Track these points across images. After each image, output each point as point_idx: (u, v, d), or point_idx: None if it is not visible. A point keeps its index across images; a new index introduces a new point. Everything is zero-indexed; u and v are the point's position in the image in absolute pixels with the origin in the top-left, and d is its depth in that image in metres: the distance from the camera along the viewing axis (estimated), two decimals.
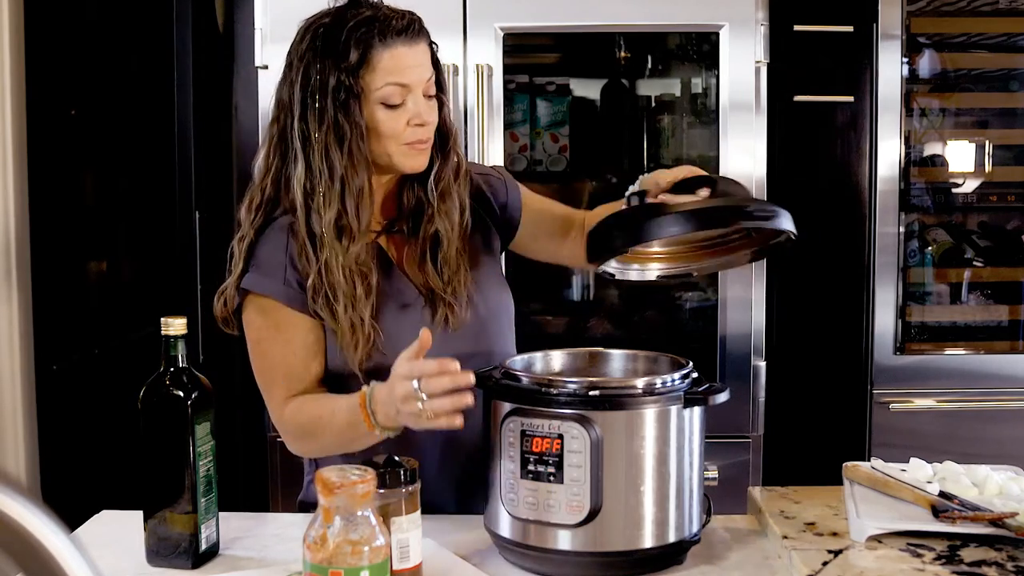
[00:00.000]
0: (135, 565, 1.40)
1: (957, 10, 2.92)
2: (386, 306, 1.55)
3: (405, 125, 1.51)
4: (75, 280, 2.45)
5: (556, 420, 1.29)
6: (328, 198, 1.48)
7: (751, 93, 2.56)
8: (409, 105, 1.50)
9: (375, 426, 1.40)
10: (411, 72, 1.50)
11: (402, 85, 1.49)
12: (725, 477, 2.53)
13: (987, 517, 1.33)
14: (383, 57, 1.48)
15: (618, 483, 1.30)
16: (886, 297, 2.77)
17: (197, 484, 1.38)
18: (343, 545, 1.12)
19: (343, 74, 1.47)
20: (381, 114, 1.50)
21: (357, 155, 1.49)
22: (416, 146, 1.53)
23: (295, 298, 1.52)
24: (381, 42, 1.47)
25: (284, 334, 1.53)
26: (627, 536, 1.31)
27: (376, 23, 1.48)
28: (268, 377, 1.55)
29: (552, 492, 1.30)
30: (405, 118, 1.51)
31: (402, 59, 1.49)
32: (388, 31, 1.48)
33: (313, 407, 1.51)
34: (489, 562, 1.39)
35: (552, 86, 2.93)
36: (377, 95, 1.49)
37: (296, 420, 1.52)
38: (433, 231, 1.58)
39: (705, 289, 2.80)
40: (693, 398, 1.33)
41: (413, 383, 1.32)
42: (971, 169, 3.04)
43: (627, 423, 1.30)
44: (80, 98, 2.42)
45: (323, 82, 1.48)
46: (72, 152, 2.40)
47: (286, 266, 1.52)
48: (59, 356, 2.27)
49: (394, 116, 1.50)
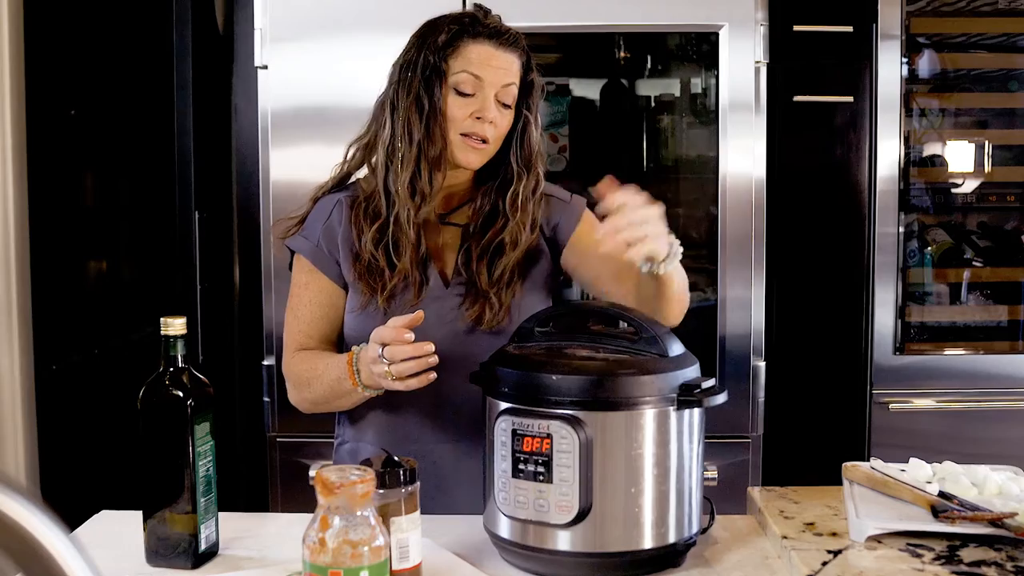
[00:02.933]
0: (135, 565, 1.40)
1: (957, 10, 2.92)
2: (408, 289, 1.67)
3: (468, 115, 1.63)
4: (75, 280, 2.45)
5: (546, 420, 1.29)
6: (407, 160, 1.63)
7: (751, 93, 2.56)
8: (478, 98, 1.62)
9: (359, 383, 1.56)
10: (489, 70, 1.63)
11: (476, 76, 1.62)
12: (725, 477, 2.53)
13: (986, 517, 1.33)
14: (469, 48, 1.63)
15: (613, 484, 1.30)
16: (886, 297, 2.77)
17: (197, 484, 1.38)
18: (343, 545, 1.12)
19: (431, 54, 1.63)
20: (451, 98, 1.63)
21: (434, 127, 1.63)
22: (471, 140, 1.64)
23: (323, 261, 1.70)
24: (471, 35, 1.64)
25: (309, 291, 1.71)
26: (625, 537, 1.31)
27: (474, 20, 1.65)
28: (290, 326, 1.74)
29: (542, 492, 1.30)
30: (471, 108, 1.62)
31: (484, 55, 1.63)
32: (481, 29, 1.64)
33: (312, 359, 1.67)
34: (488, 562, 1.39)
35: (552, 86, 2.93)
36: (454, 79, 1.63)
37: (296, 369, 1.70)
38: (499, 240, 1.67)
39: (705, 289, 2.80)
40: (687, 400, 1.32)
41: (377, 348, 1.47)
42: (971, 169, 3.04)
43: (619, 424, 1.30)
44: (80, 98, 2.42)
45: (415, 60, 1.64)
46: (72, 152, 2.40)
47: (320, 234, 1.70)
48: (59, 356, 2.27)
49: (461, 104, 1.63)
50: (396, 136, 1.64)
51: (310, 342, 1.71)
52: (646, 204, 1.41)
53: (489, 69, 1.63)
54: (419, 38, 1.67)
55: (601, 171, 1.67)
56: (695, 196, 2.94)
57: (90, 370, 2.43)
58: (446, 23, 1.65)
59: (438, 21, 1.67)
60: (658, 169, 2.97)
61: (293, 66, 2.53)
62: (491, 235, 1.68)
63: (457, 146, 1.64)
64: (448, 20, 1.66)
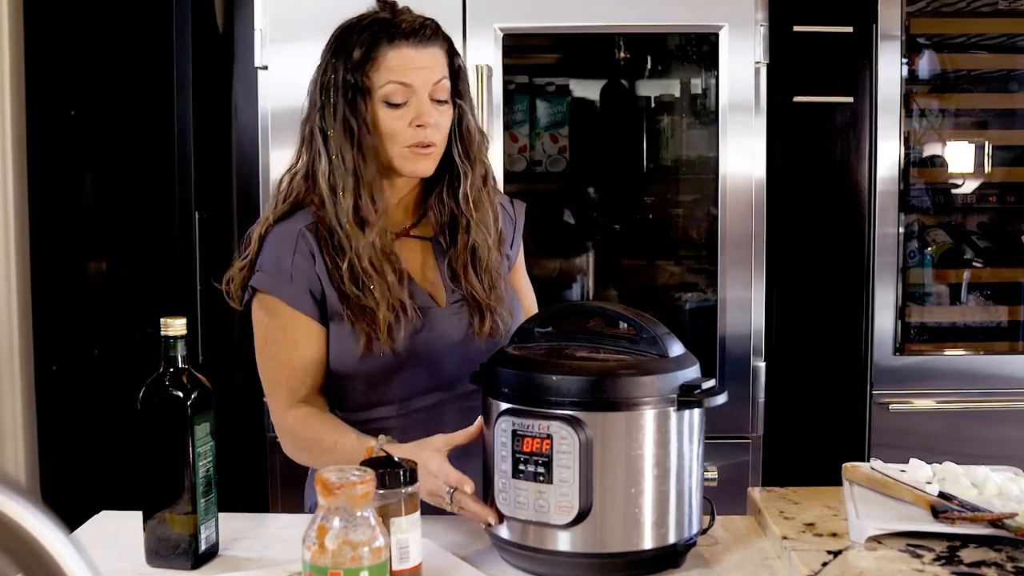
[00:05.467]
0: (135, 565, 1.40)
1: (957, 11, 2.92)
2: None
3: (406, 126, 1.54)
4: (75, 280, 2.45)
5: (546, 420, 1.29)
6: (347, 189, 1.53)
7: (751, 94, 2.56)
8: (412, 105, 1.54)
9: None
10: (415, 73, 1.53)
11: (404, 84, 1.53)
12: (725, 478, 2.53)
13: (986, 518, 1.33)
14: (388, 56, 1.53)
15: (613, 484, 1.30)
16: (886, 298, 2.77)
17: (197, 484, 1.38)
18: (343, 546, 1.12)
19: (349, 72, 1.53)
20: (383, 112, 1.54)
21: (367, 150, 1.54)
22: (417, 150, 1.55)
23: (302, 301, 1.56)
24: (388, 42, 1.53)
25: (291, 336, 1.57)
26: (625, 537, 1.31)
27: (386, 24, 1.54)
28: (273, 379, 1.60)
29: (542, 492, 1.30)
30: (408, 118, 1.54)
31: (407, 60, 1.53)
32: (396, 33, 1.53)
33: (318, 428, 1.55)
34: (489, 562, 1.39)
35: (552, 87, 2.93)
36: (380, 93, 1.54)
37: (298, 432, 1.58)
38: (471, 242, 1.62)
39: (705, 290, 2.80)
40: (687, 401, 1.32)
41: (446, 489, 1.38)
42: (971, 170, 3.04)
43: (619, 425, 1.30)
44: (80, 99, 2.42)
45: (335, 80, 1.54)
46: (72, 152, 2.40)
47: (293, 271, 1.55)
48: (59, 356, 2.27)
49: (396, 115, 1.54)
50: (334, 166, 1.54)
51: (302, 390, 1.58)
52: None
53: (415, 72, 1.54)
54: (332, 53, 1.56)
55: (601, 171, 1.67)
56: (695, 196, 2.94)
57: (90, 370, 2.43)
58: (356, 34, 1.55)
59: (347, 32, 1.56)
60: (658, 170, 2.97)
61: (293, 66, 2.53)
62: (461, 244, 1.62)
63: (404, 158, 1.56)
64: (358, 30, 1.55)
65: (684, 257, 2.98)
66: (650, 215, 3.05)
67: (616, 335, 1.45)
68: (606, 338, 1.43)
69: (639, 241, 3.01)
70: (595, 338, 1.44)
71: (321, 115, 1.56)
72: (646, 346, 1.37)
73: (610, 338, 1.43)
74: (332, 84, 1.54)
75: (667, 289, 2.93)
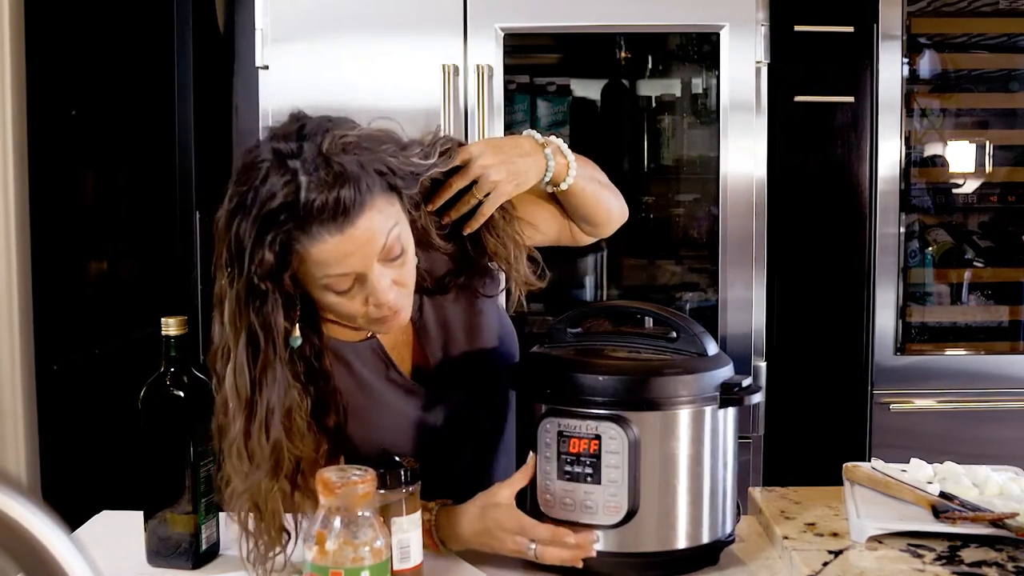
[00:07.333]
0: (135, 565, 1.39)
1: (957, 10, 2.92)
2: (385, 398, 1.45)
3: (362, 305, 1.29)
4: (75, 280, 2.45)
5: (594, 421, 1.28)
6: (234, 412, 1.26)
7: (751, 93, 2.56)
8: (362, 284, 1.27)
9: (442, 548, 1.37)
10: (352, 260, 1.23)
11: (343, 274, 1.25)
12: None
13: (987, 518, 1.33)
14: (309, 252, 1.21)
15: (659, 483, 1.30)
16: (886, 297, 2.77)
17: (197, 484, 1.38)
18: (344, 546, 1.12)
19: (264, 281, 1.22)
20: (331, 298, 1.28)
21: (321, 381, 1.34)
22: (386, 321, 1.32)
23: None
24: (305, 234, 1.20)
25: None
26: (661, 537, 1.31)
27: (294, 214, 1.19)
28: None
29: (590, 493, 1.29)
30: (361, 296, 1.28)
31: (335, 253, 1.22)
32: (309, 222, 1.19)
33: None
34: (490, 563, 1.39)
35: (552, 86, 2.93)
36: (320, 282, 1.25)
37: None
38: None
39: (705, 289, 2.80)
40: (728, 399, 1.32)
41: (528, 545, 1.30)
42: (971, 169, 3.04)
43: (664, 423, 1.30)
44: (80, 98, 2.42)
45: (248, 289, 1.23)
46: (72, 152, 2.40)
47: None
48: (59, 356, 2.27)
49: (346, 299, 1.28)
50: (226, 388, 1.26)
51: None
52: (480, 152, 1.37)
53: (351, 260, 1.23)
54: (233, 250, 1.22)
55: (602, 171, 1.67)
56: (696, 196, 2.94)
57: (90, 370, 2.43)
58: (263, 234, 1.19)
59: (240, 223, 1.20)
60: (659, 169, 2.97)
61: (293, 66, 2.53)
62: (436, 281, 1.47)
63: (376, 325, 1.34)
64: (262, 226, 1.19)
65: (685, 257, 2.98)
66: (651, 215, 3.05)
67: (647, 334, 1.44)
68: (638, 337, 1.42)
69: (640, 241, 3.01)
70: (628, 338, 1.43)
71: (238, 318, 1.24)
72: (683, 345, 1.36)
73: (642, 337, 1.42)
74: (245, 294, 1.23)
75: (668, 289, 2.93)
